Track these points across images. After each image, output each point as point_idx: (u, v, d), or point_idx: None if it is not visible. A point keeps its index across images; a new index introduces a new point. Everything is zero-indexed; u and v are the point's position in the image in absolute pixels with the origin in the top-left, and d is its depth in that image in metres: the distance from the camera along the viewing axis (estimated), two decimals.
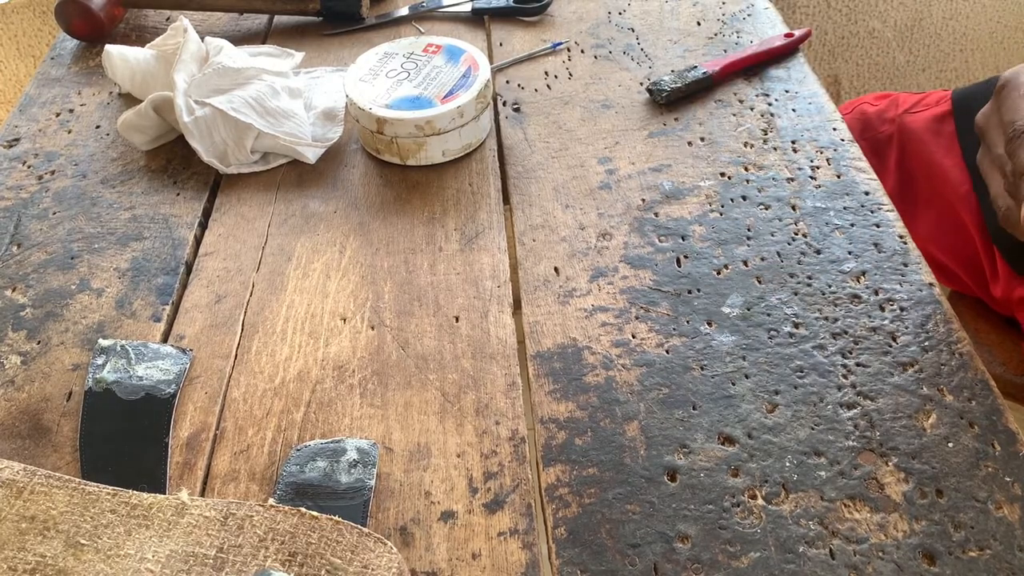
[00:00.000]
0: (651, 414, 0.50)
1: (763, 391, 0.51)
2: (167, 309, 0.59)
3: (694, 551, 0.44)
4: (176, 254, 0.63)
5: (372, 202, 0.67)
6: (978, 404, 0.49)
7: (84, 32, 0.87)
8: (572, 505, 0.46)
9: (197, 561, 0.42)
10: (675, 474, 0.47)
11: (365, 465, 0.48)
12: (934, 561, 0.43)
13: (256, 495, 0.48)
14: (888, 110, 0.91)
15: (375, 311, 0.58)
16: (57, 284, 0.62)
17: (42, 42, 1.35)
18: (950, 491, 0.45)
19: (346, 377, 0.54)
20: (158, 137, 0.73)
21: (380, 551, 0.42)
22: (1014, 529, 0.44)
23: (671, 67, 0.78)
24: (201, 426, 0.52)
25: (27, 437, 0.51)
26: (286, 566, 0.41)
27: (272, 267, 0.62)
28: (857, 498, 0.45)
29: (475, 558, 0.44)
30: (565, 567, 0.44)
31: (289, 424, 0.51)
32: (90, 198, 0.69)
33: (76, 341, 0.57)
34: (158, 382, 0.53)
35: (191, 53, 0.72)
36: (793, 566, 0.43)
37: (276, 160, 0.71)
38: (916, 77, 1.63)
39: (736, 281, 0.58)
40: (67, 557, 0.42)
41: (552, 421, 0.50)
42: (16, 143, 0.75)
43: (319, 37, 0.86)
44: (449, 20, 0.88)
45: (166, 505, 0.44)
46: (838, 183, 0.65)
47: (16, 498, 0.45)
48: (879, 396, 0.50)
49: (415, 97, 0.68)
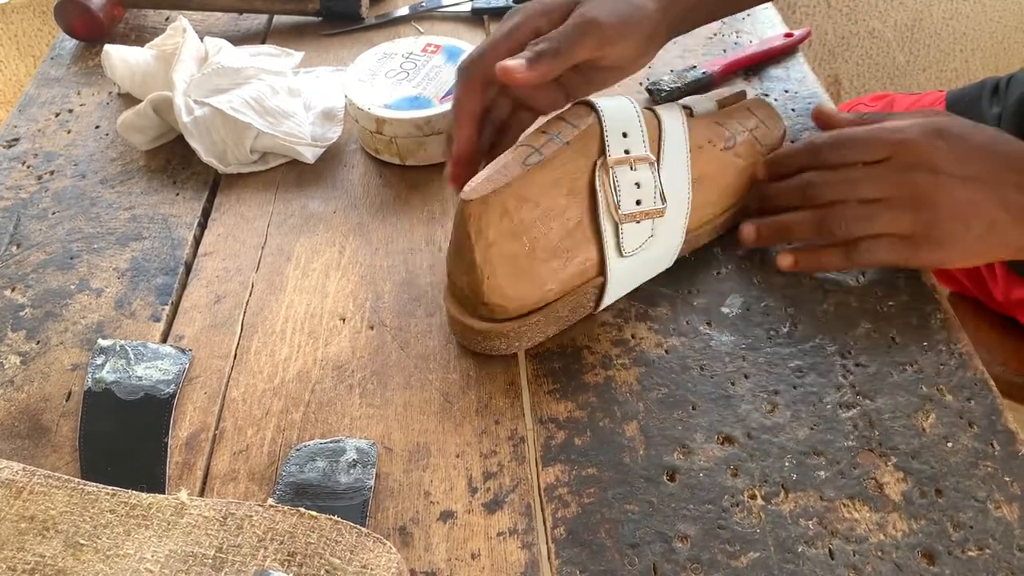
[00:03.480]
0: (650, 414, 0.50)
1: (762, 391, 0.51)
2: (166, 309, 0.59)
3: (693, 551, 0.44)
4: (175, 254, 0.63)
5: (371, 202, 0.67)
6: (977, 404, 0.49)
7: (83, 32, 0.87)
8: (571, 505, 0.46)
9: (196, 561, 0.42)
10: (674, 474, 0.47)
11: (364, 465, 0.48)
12: (933, 560, 0.43)
13: (255, 495, 0.48)
14: (885, 111, 0.91)
15: (374, 311, 0.58)
16: (56, 284, 0.62)
17: (42, 42, 1.36)
18: (949, 491, 0.45)
19: (345, 377, 0.54)
20: (157, 137, 0.73)
21: (379, 551, 0.42)
22: (1013, 529, 0.44)
23: (670, 67, 0.78)
24: (200, 426, 0.52)
25: (26, 437, 0.51)
26: (285, 566, 0.41)
27: (271, 267, 0.62)
28: (856, 498, 0.45)
29: (474, 558, 0.44)
30: (564, 567, 0.44)
31: (288, 424, 0.51)
32: (89, 198, 0.69)
33: (75, 341, 0.57)
34: (157, 382, 0.53)
35: (190, 53, 0.72)
36: (792, 566, 0.43)
37: (275, 160, 0.71)
38: (916, 77, 1.63)
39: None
40: (66, 557, 0.42)
41: (551, 421, 0.50)
42: (15, 143, 0.75)
43: (318, 37, 0.86)
44: (449, 20, 0.88)
45: (165, 505, 0.44)
46: None
47: (15, 498, 0.45)
48: (878, 396, 0.50)
49: (414, 97, 0.68)
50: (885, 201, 0.51)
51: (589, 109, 0.54)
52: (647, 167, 0.52)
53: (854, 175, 0.53)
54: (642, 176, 0.52)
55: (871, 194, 0.52)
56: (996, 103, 0.83)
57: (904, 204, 0.51)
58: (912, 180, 0.50)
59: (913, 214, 0.51)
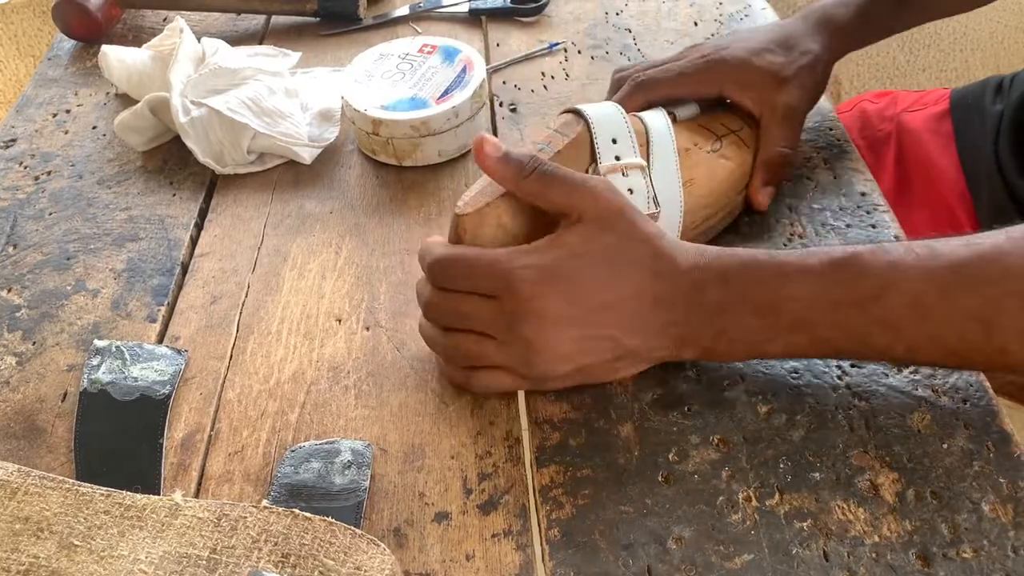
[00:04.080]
0: (645, 415, 0.50)
1: (757, 392, 0.51)
2: (162, 310, 0.59)
3: (688, 552, 0.44)
4: (172, 255, 0.63)
5: (368, 203, 0.67)
6: (972, 405, 0.49)
7: (81, 33, 0.87)
8: (566, 506, 0.46)
9: (190, 562, 0.42)
10: (669, 475, 0.47)
11: (359, 466, 0.48)
12: (928, 562, 0.43)
13: (250, 496, 0.48)
14: (887, 108, 0.91)
15: (370, 312, 0.58)
16: (53, 285, 0.62)
17: (42, 42, 1.36)
18: (944, 492, 0.45)
19: (341, 378, 0.54)
20: (154, 138, 0.73)
21: (373, 552, 0.42)
22: (1007, 530, 0.44)
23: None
24: (196, 427, 0.52)
25: (22, 438, 0.51)
26: (279, 567, 0.41)
27: (268, 268, 0.62)
28: (851, 499, 0.45)
29: (469, 559, 0.44)
30: (559, 568, 0.44)
31: (284, 425, 0.51)
32: (86, 199, 0.69)
33: (71, 342, 0.57)
34: (153, 383, 0.53)
35: (187, 54, 0.72)
36: (786, 567, 0.43)
37: (272, 160, 0.71)
38: (916, 77, 1.63)
39: None
40: (61, 558, 0.42)
41: (546, 422, 0.50)
42: (13, 143, 0.75)
43: (316, 37, 0.87)
44: (446, 20, 0.88)
45: (159, 506, 0.44)
46: (835, 183, 0.65)
47: (10, 499, 0.45)
48: (873, 397, 0.50)
49: (410, 98, 0.68)
50: (495, 340, 0.48)
51: (578, 117, 0.54)
52: (639, 173, 0.52)
53: (465, 308, 0.49)
54: (634, 182, 0.52)
55: (480, 328, 0.49)
56: (999, 101, 0.83)
57: (511, 345, 0.48)
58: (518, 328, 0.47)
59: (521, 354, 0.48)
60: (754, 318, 0.47)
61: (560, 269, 0.46)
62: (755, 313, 0.47)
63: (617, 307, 0.47)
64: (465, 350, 0.50)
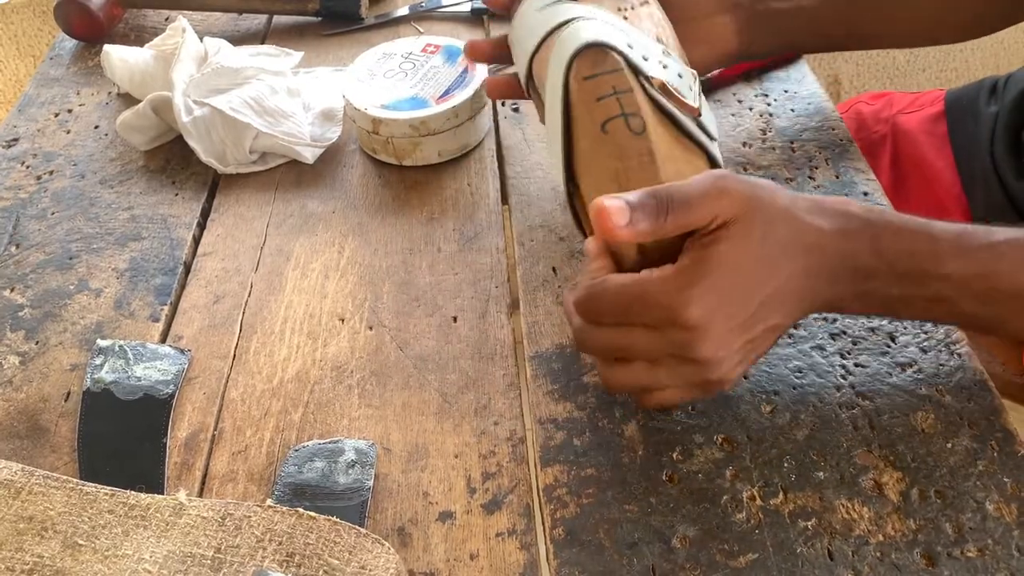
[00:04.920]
0: (649, 414, 0.50)
1: (761, 391, 0.51)
2: (165, 309, 0.59)
3: (692, 551, 0.44)
4: (174, 254, 0.63)
5: (371, 202, 0.67)
6: (976, 404, 0.49)
7: (83, 32, 0.87)
8: (570, 505, 0.46)
9: (194, 562, 0.42)
10: (673, 474, 0.47)
11: (363, 465, 0.48)
12: (932, 561, 0.43)
13: (254, 495, 0.48)
14: (883, 110, 0.91)
15: (373, 311, 0.58)
16: (55, 284, 0.62)
17: (42, 42, 1.35)
18: (948, 491, 0.45)
19: (344, 377, 0.54)
20: (157, 137, 0.73)
21: (378, 552, 0.42)
22: (1012, 529, 0.44)
23: None
24: (199, 426, 0.52)
25: (25, 437, 0.51)
26: (283, 567, 0.41)
27: (270, 267, 0.62)
28: (855, 498, 0.45)
29: (473, 559, 0.44)
30: (563, 567, 0.44)
31: (287, 424, 0.51)
32: (89, 198, 0.69)
33: (74, 341, 0.57)
34: (156, 382, 0.53)
35: (190, 53, 0.72)
36: (791, 566, 0.43)
37: (274, 160, 0.71)
38: (916, 77, 1.63)
39: None
40: (65, 557, 0.42)
41: (550, 421, 0.50)
42: (15, 143, 0.75)
43: (318, 37, 0.86)
44: (449, 20, 0.88)
45: (164, 505, 0.44)
46: (837, 183, 0.65)
47: (14, 498, 0.45)
48: (877, 396, 0.50)
49: (411, 97, 0.68)
50: (664, 366, 0.47)
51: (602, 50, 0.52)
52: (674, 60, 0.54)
53: (626, 343, 0.47)
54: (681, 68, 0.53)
55: (646, 358, 0.47)
56: (994, 102, 0.83)
57: (682, 367, 0.47)
58: (689, 353, 0.45)
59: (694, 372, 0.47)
60: (898, 288, 0.47)
61: (717, 285, 0.45)
62: (900, 282, 0.47)
63: (776, 297, 0.46)
64: (634, 380, 0.48)
